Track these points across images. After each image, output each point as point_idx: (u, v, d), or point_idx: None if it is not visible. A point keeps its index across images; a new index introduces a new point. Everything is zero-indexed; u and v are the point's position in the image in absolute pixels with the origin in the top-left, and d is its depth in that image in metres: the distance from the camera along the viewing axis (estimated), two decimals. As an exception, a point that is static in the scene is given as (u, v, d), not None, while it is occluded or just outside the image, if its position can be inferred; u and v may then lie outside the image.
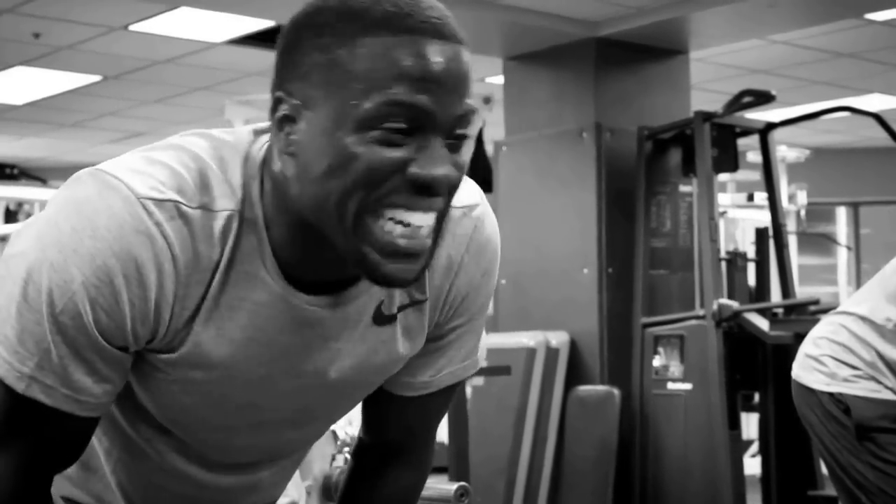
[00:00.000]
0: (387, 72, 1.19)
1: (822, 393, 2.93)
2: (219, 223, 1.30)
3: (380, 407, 1.59)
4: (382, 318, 1.42)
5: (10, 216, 9.25)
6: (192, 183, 1.29)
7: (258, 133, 1.37)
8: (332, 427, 2.66)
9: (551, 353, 6.30)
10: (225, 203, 1.30)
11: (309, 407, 1.49)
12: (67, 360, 1.28)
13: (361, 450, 1.66)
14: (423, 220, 1.25)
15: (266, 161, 1.32)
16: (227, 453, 1.53)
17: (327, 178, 1.22)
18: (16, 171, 10.93)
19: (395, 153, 1.21)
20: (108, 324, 1.27)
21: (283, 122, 1.25)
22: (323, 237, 1.27)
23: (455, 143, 1.25)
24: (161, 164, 1.30)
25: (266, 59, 7.83)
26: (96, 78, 8.47)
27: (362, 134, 1.20)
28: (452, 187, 1.25)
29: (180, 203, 1.27)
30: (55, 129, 10.49)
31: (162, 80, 8.54)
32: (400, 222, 1.23)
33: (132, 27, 7.11)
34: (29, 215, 8.74)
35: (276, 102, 1.26)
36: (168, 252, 1.27)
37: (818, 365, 2.96)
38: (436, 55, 1.21)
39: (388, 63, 1.20)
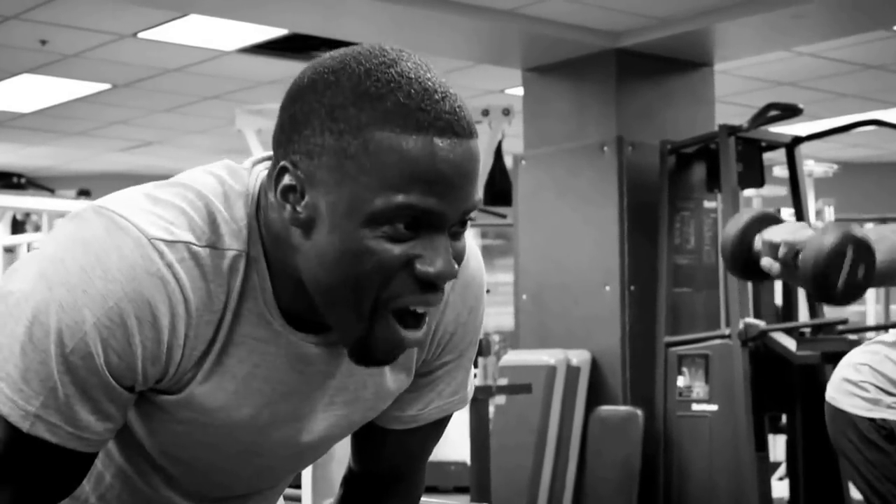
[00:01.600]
0: (398, 173, 1.23)
1: (862, 418, 2.91)
2: (227, 262, 1.32)
3: (368, 439, 1.62)
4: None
5: (17, 226, 9.26)
6: (200, 221, 1.31)
7: (254, 165, 1.40)
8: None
9: (572, 372, 6.29)
10: (232, 242, 1.33)
11: (307, 446, 1.53)
12: (74, 399, 1.29)
13: (351, 479, 1.70)
14: (427, 309, 1.31)
15: (260, 204, 1.35)
16: (221, 489, 1.56)
17: (338, 266, 1.26)
18: (23, 181, 10.97)
19: (402, 249, 1.25)
20: (119, 364, 1.28)
21: (286, 192, 1.28)
22: (321, 306, 1.32)
23: (458, 232, 1.30)
24: (168, 203, 1.32)
25: (277, 67, 7.86)
26: (105, 86, 8.49)
27: (372, 228, 1.24)
28: (452, 278, 1.30)
29: (190, 243, 1.30)
30: (63, 137, 10.52)
31: (171, 88, 8.56)
32: (412, 313, 1.30)
33: (141, 35, 7.12)
34: (37, 226, 8.75)
35: (281, 171, 1.29)
36: (180, 294, 1.29)
37: (858, 390, 2.93)
38: (447, 155, 1.24)
39: (400, 164, 1.23)
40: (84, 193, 9.76)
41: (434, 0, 6.10)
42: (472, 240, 1.52)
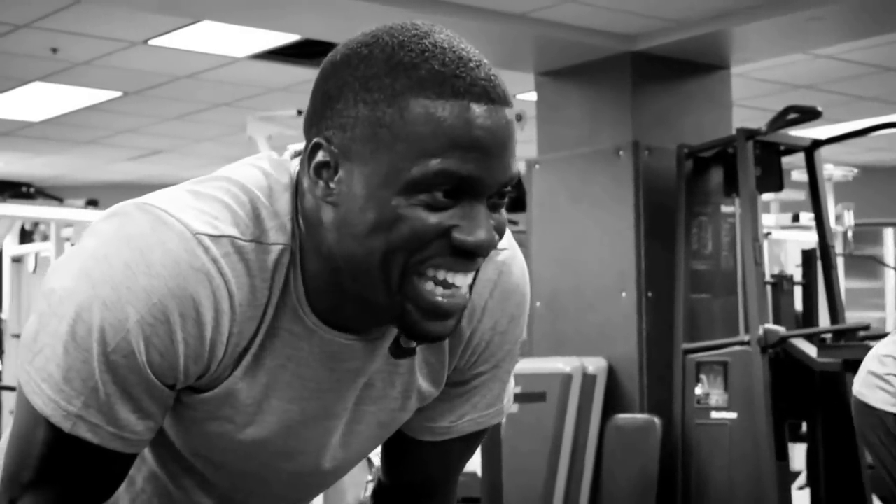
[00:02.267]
0: (436, 139, 1.22)
1: (887, 413, 2.90)
2: (271, 257, 1.31)
3: (400, 451, 1.60)
4: (401, 352, 1.44)
5: (26, 236, 9.28)
6: (245, 216, 1.30)
7: (291, 158, 1.39)
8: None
9: (588, 380, 6.27)
10: (277, 236, 1.31)
11: (338, 450, 1.50)
12: (115, 398, 1.28)
13: (381, 491, 1.67)
14: (464, 280, 1.29)
15: (298, 194, 1.34)
16: (254, 495, 1.54)
17: (370, 236, 1.25)
18: (32, 190, 10.98)
19: (440, 217, 1.24)
20: (161, 363, 1.28)
21: (320, 168, 1.28)
22: (354, 287, 1.30)
23: (497, 203, 1.29)
24: (211, 197, 1.31)
25: (289, 74, 7.86)
26: (115, 94, 8.51)
27: (408, 196, 1.23)
28: (492, 248, 1.29)
29: (235, 238, 1.29)
30: (73, 146, 10.55)
31: (183, 95, 8.57)
32: (443, 282, 1.27)
33: (152, 42, 7.14)
34: (45, 236, 8.76)
35: (314, 147, 1.28)
36: (225, 290, 1.28)
37: (884, 384, 2.92)
38: (484, 122, 1.23)
39: (437, 130, 1.22)
40: (93, 203, 9.76)
41: (446, 5, 6.09)
42: (517, 249, 1.52)
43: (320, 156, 1.27)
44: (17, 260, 8.59)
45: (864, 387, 2.99)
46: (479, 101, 1.23)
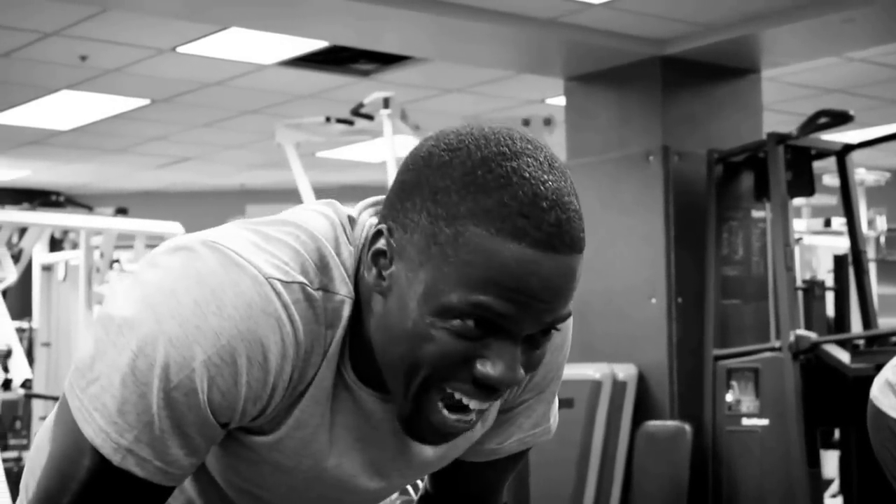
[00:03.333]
0: (480, 274, 1.21)
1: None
2: (335, 306, 1.32)
3: (446, 471, 1.60)
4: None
5: (56, 244, 9.35)
6: (313, 263, 1.30)
7: (360, 212, 1.39)
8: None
9: (618, 387, 6.27)
10: (341, 288, 1.32)
11: (383, 496, 1.53)
12: (168, 434, 1.27)
13: (426, 501, 1.69)
14: (480, 406, 1.30)
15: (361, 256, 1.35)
16: None
17: (400, 343, 1.26)
18: (61, 199, 11.06)
19: (467, 347, 1.24)
20: (222, 403, 1.27)
21: (377, 256, 1.29)
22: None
23: (539, 340, 1.28)
24: (280, 241, 1.31)
25: (317, 81, 7.90)
26: (144, 101, 8.56)
27: (441, 319, 1.23)
28: (515, 385, 1.29)
29: (305, 285, 1.29)
30: (101, 154, 10.61)
31: (211, 103, 8.62)
32: (457, 402, 1.28)
33: (180, 49, 7.18)
34: (75, 244, 8.82)
35: (377, 234, 1.29)
36: (293, 337, 1.28)
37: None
38: (537, 270, 1.21)
39: (484, 265, 1.20)
40: (122, 211, 9.84)
41: (474, 10, 6.12)
42: None
43: (380, 243, 1.28)
44: (47, 268, 8.66)
45: (881, 392, 3.00)
46: (537, 247, 1.20)
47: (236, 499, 1.49)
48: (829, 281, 6.92)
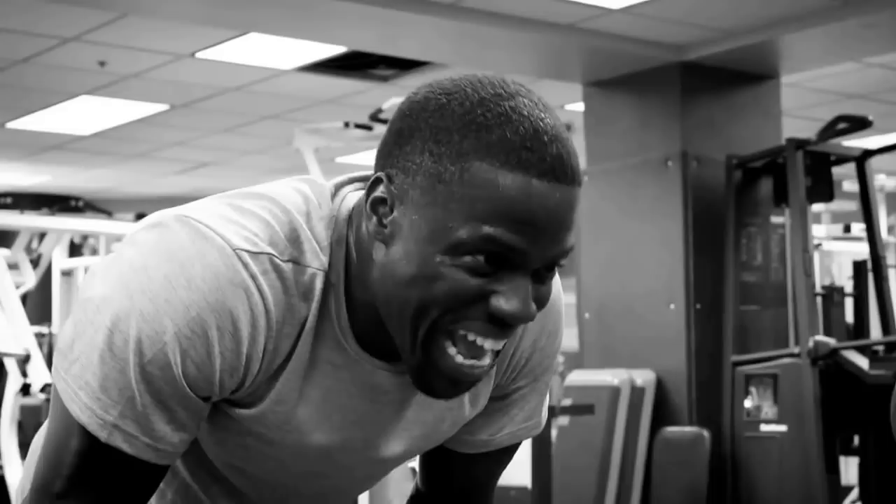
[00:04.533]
0: (489, 206, 1.22)
1: None
2: (307, 279, 1.33)
3: (437, 462, 1.62)
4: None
5: (75, 249, 9.38)
6: (283, 235, 1.32)
7: (339, 187, 1.40)
8: (411, 464, 2.68)
9: (637, 393, 6.27)
10: (312, 261, 1.33)
11: (374, 474, 1.55)
12: (150, 409, 1.29)
13: (418, 499, 1.69)
14: (493, 345, 1.30)
15: (351, 224, 1.36)
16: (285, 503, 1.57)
17: (408, 287, 1.26)
18: (81, 204, 11.11)
19: (481, 282, 1.25)
20: (197, 375, 1.29)
21: (376, 204, 1.29)
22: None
23: (545, 275, 1.29)
24: (251, 213, 1.33)
25: (336, 86, 7.91)
26: (163, 107, 8.59)
27: (452, 256, 1.24)
28: (529, 321, 1.29)
29: (273, 256, 1.30)
30: (121, 159, 10.65)
31: (230, 108, 8.64)
32: (471, 343, 1.28)
33: (199, 54, 7.20)
34: (94, 249, 8.86)
35: (376, 181, 1.29)
36: (262, 306, 1.29)
37: None
38: (543, 199, 1.23)
39: (492, 197, 1.22)
40: (141, 217, 9.85)
41: (493, 15, 6.12)
42: None
43: (379, 191, 1.29)
44: (67, 273, 8.70)
45: None
46: (542, 177, 1.22)
47: (228, 475, 1.50)
48: (849, 287, 6.91)
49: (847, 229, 8.77)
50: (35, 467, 1.36)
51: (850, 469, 7.36)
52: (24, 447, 6.89)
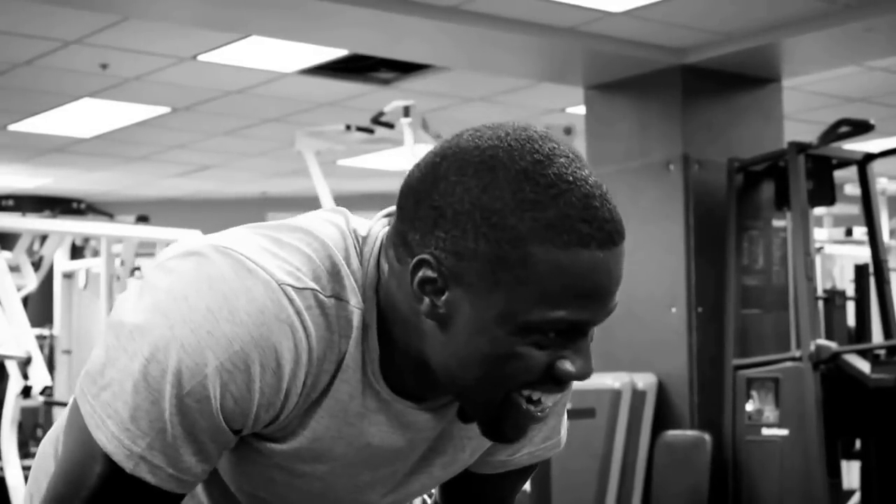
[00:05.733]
0: (556, 289, 1.22)
1: None
2: (347, 316, 1.31)
3: (456, 482, 1.61)
4: (469, 416, 1.44)
5: (77, 252, 9.37)
6: (325, 270, 1.30)
7: (369, 231, 1.38)
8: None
9: (638, 396, 6.26)
10: (351, 297, 1.31)
11: (396, 495, 1.52)
12: (180, 441, 1.27)
13: None
14: (556, 398, 1.34)
15: (380, 269, 1.34)
16: None
17: (480, 366, 1.27)
18: (82, 206, 11.10)
19: (549, 354, 1.26)
20: (234, 409, 1.27)
21: (424, 284, 1.27)
22: (437, 381, 1.33)
23: None
24: (291, 247, 1.31)
25: (338, 89, 7.91)
26: (165, 109, 8.59)
27: (523, 336, 1.24)
28: (590, 376, 1.32)
29: (318, 291, 1.28)
30: (123, 162, 10.64)
31: (231, 111, 8.64)
32: (536, 401, 1.31)
33: (201, 57, 7.20)
34: (95, 251, 8.84)
35: (420, 263, 1.26)
36: (306, 343, 1.27)
37: None
38: (606, 268, 1.23)
39: (561, 280, 1.22)
40: (143, 219, 9.87)
41: (495, 19, 6.12)
42: None
43: (426, 272, 1.26)
44: (68, 276, 8.68)
45: None
46: (602, 247, 1.22)
47: (243, 500, 1.48)
48: (850, 290, 6.90)
49: (849, 233, 8.76)
50: (50, 482, 1.33)
51: (851, 473, 7.35)
52: (22, 447, 6.89)
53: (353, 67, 7.43)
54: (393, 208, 1.37)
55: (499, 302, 1.23)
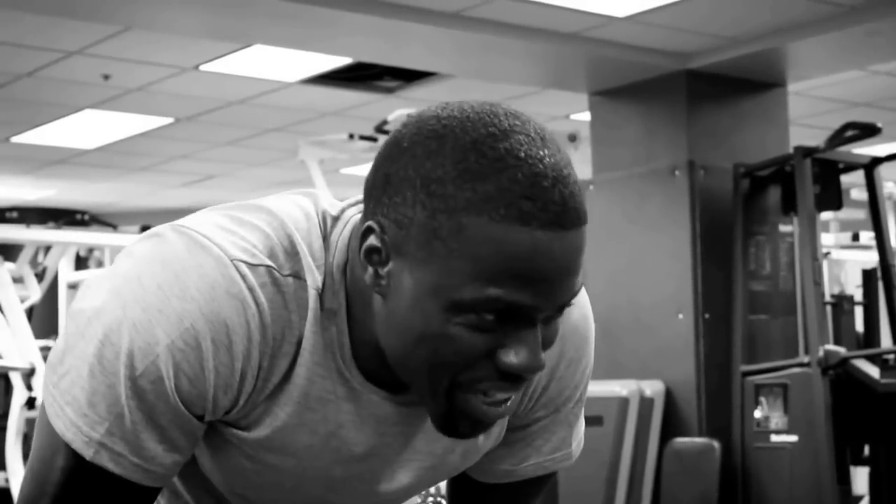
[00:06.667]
0: (491, 266, 1.15)
1: None
2: (307, 296, 1.28)
3: (465, 492, 1.57)
4: None
5: (81, 262, 9.37)
6: (283, 248, 1.27)
7: (345, 210, 1.34)
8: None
9: (645, 404, 6.24)
10: (309, 277, 1.28)
11: (386, 497, 1.47)
12: (140, 426, 1.24)
13: None
14: (511, 395, 1.25)
15: (350, 254, 1.30)
16: None
17: (416, 345, 1.21)
18: (86, 217, 11.10)
19: (486, 339, 1.19)
20: (190, 391, 1.24)
21: (370, 253, 1.22)
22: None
23: (553, 317, 1.23)
24: (250, 225, 1.28)
25: (341, 98, 7.91)
26: (167, 120, 8.59)
27: (455, 314, 1.17)
28: (539, 371, 1.22)
29: (273, 269, 1.26)
30: (126, 173, 10.65)
31: (234, 121, 8.64)
32: (488, 394, 1.23)
33: (203, 67, 7.20)
34: (100, 262, 8.85)
35: (367, 230, 1.22)
36: (259, 319, 1.24)
37: None
38: (549, 251, 1.15)
39: (494, 256, 1.15)
40: (146, 230, 9.85)
41: (498, 25, 6.11)
42: (581, 289, 1.44)
43: (372, 240, 1.22)
44: (73, 286, 8.68)
45: None
46: (545, 227, 1.15)
47: (233, 501, 1.45)
48: (858, 295, 6.89)
49: (856, 238, 8.75)
50: (21, 483, 1.31)
51: (859, 479, 7.33)
52: (27, 458, 6.90)
53: (357, 76, 7.43)
54: None
55: (432, 274, 1.17)
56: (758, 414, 5.92)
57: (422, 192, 1.17)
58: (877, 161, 6.30)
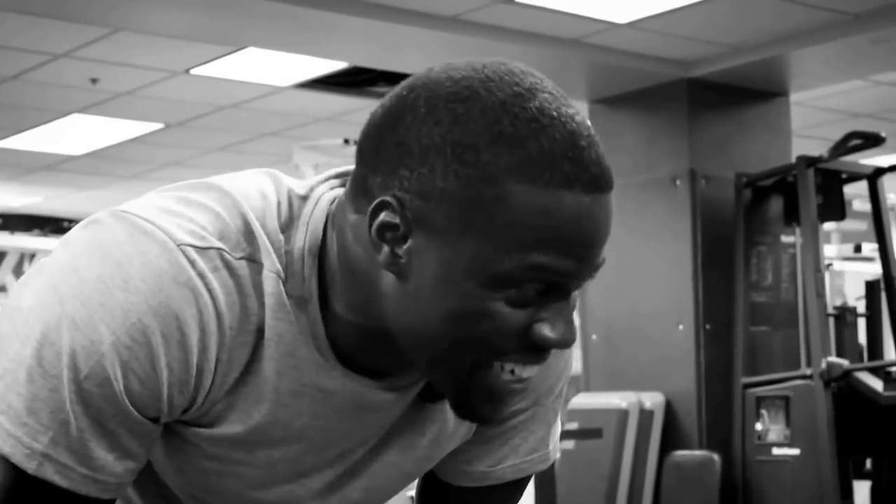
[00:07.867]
0: (537, 233, 1.10)
1: None
2: (264, 280, 1.19)
3: (437, 497, 1.51)
4: (434, 395, 1.33)
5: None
6: (236, 229, 1.19)
7: (313, 188, 1.27)
8: (409, 492, 2.61)
9: (645, 416, 6.24)
10: (266, 260, 1.20)
11: (349, 498, 1.40)
12: (88, 434, 1.14)
13: None
14: (533, 371, 1.20)
15: (326, 234, 1.23)
16: None
17: (445, 324, 1.14)
18: (73, 225, 11.07)
19: (526, 314, 1.14)
20: (142, 392, 1.15)
21: (384, 230, 1.14)
22: (398, 349, 1.21)
23: (579, 286, 1.19)
24: (199, 205, 1.20)
25: (336, 103, 7.90)
26: (158, 125, 8.57)
27: (496, 290, 1.12)
28: (573, 344, 1.19)
29: (224, 251, 1.17)
30: (114, 180, 10.62)
31: (227, 126, 8.63)
32: (511, 372, 1.18)
33: (194, 71, 7.18)
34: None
35: (381, 206, 1.14)
36: (212, 308, 1.16)
37: None
38: (592, 215, 1.12)
39: (539, 223, 1.10)
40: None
41: (496, 30, 6.11)
42: None
43: (386, 216, 1.13)
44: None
45: None
46: (588, 190, 1.11)
47: None
48: (861, 307, 6.89)
49: (858, 249, 8.77)
50: None
51: (862, 493, 7.34)
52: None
53: (351, 82, 7.43)
54: (343, 168, 1.28)
55: (470, 248, 1.11)
56: (759, 427, 5.93)
57: (454, 162, 1.11)
58: (880, 171, 6.32)
